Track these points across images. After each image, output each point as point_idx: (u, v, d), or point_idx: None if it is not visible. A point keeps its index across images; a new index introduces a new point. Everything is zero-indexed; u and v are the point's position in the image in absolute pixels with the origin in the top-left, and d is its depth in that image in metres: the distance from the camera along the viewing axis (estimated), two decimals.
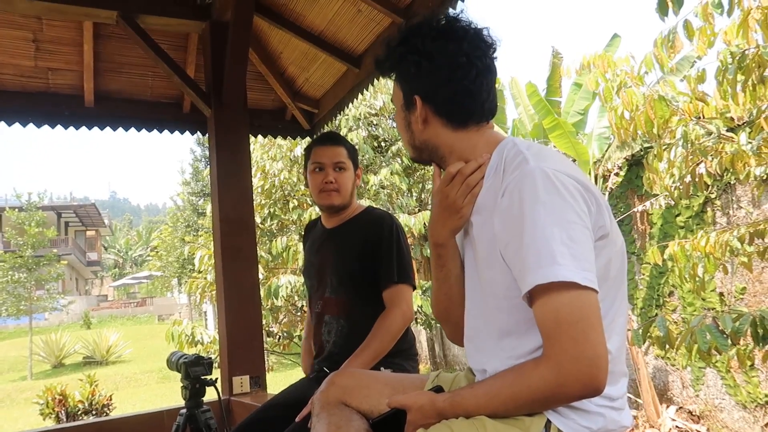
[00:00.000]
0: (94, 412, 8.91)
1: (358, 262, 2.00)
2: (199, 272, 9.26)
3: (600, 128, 7.82)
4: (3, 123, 3.55)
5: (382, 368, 1.89)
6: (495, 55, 1.20)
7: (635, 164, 7.20)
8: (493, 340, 1.13)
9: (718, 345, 2.51)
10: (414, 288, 2.05)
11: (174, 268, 28.86)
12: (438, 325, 8.39)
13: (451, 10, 2.82)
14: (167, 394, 13.70)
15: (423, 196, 9.00)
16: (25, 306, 22.68)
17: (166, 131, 3.94)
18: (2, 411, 14.64)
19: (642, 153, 6.88)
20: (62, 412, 8.90)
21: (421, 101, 1.19)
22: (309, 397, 1.47)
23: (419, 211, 7.76)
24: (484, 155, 1.16)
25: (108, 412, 9.14)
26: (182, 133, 4.01)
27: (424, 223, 7.03)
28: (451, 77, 1.16)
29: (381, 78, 3.68)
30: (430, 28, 1.19)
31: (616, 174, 7.49)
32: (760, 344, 2.52)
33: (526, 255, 0.97)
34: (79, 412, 8.92)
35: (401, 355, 2.01)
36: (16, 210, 24.22)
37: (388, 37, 1.25)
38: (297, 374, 11.86)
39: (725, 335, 2.52)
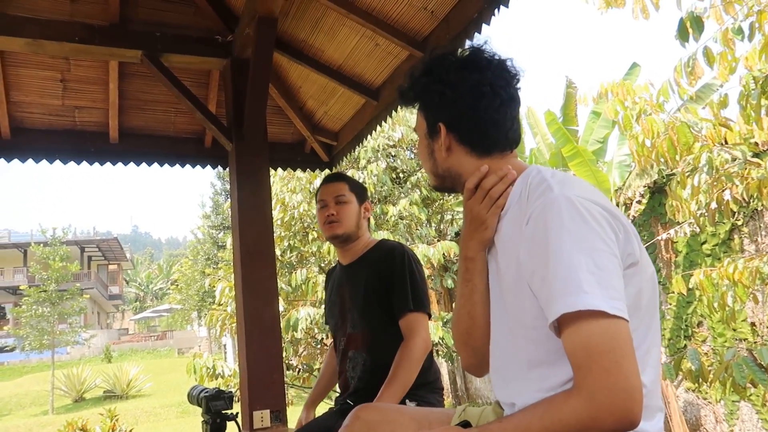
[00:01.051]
0: None
1: (374, 295, 2.02)
2: (219, 305, 9.27)
3: (620, 156, 7.77)
4: (31, 160, 3.64)
5: (407, 401, 1.86)
6: (519, 85, 1.21)
7: (657, 192, 7.12)
8: (521, 371, 1.10)
9: (755, 378, 2.42)
10: (430, 316, 2.06)
11: (194, 301, 28.98)
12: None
13: (468, 42, 2.85)
14: (187, 429, 13.61)
15: (442, 227, 8.97)
16: (48, 340, 22.86)
17: (188, 166, 4.00)
18: None
19: (664, 180, 6.81)
20: None
21: (446, 129, 1.19)
22: (333, 430, 1.44)
23: (438, 241, 7.73)
24: (504, 168, 1.16)
25: None
26: (204, 167, 4.07)
27: (444, 254, 7.00)
28: (475, 106, 1.16)
29: (399, 110, 3.71)
30: (455, 58, 1.21)
31: (639, 202, 7.41)
32: None
33: (551, 283, 0.95)
34: None
35: (426, 388, 1.99)
36: (41, 245, 24.62)
37: (411, 68, 1.27)
38: (318, 409, 11.71)
39: (763, 368, 2.43)
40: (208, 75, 3.79)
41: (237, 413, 2.15)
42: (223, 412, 2.10)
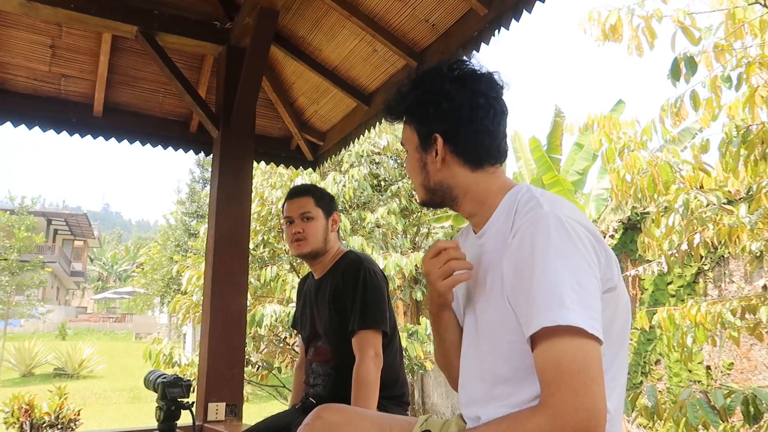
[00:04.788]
0: (59, 426, 8.64)
1: (336, 311, 2.03)
2: (184, 293, 9.14)
3: (599, 189, 7.90)
4: (9, 123, 3.55)
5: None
6: (505, 97, 1.23)
7: (630, 228, 7.25)
8: (487, 386, 1.10)
9: (708, 420, 2.47)
10: (386, 333, 2.02)
11: (158, 286, 28.50)
12: (420, 371, 8.27)
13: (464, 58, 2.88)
14: (136, 416, 13.33)
15: (417, 239, 9.00)
16: (2, 310, 22.22)
17: (170, 148, 3.94)
18: None
19: (638, 217, 6.94)
20: (27, 423, 8.62)
21: (442, 141, 1.19)
22: (292, 427, 1.43)
23: (412, 252, 7.74)
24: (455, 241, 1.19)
25: (74, 427, 8.86)
26: (186, 151, 4.02)
27: (416, 265, 7.02)
28: (472, 117, 1.17)
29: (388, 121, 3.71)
30: (447, 70, 1.21)
31: (611, 236, 7.53)
32: (750, 423, 2.48)
33: (534, 297, 0.96)
34: (45, 425, 8.65)
35: (393, 401, 2.02)
36: (8, 212, 24.00)
37: (399, 83, 1.27)
38: (272, 407, 11.58)
39: (716, 411, 2.48)
40: (201, 59, 3.76)
41: (192, 402, 2.12)
42: (179, 399, 2.06)
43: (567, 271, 0.95)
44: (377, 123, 3.75)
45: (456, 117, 1.18)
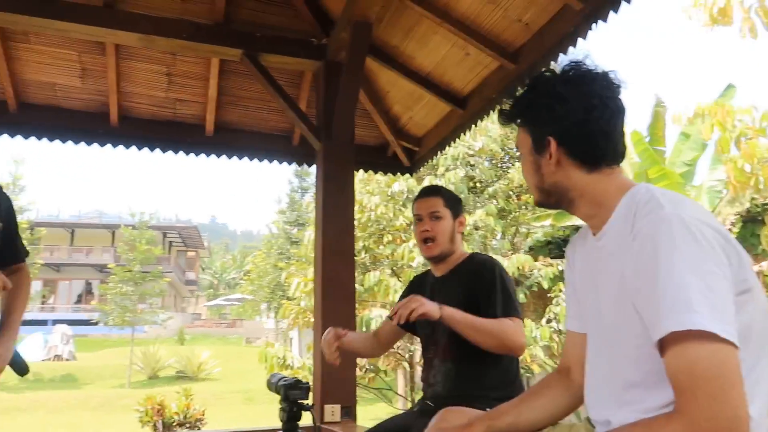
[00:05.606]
0: (187, 425, 9.34)
1: (464, 308, 2.03)
2: (290, 299, 9.53)
3: (712, 181, 7.39)
4: (134, 147, 3.90)
5: (487, 409, 1.87)
6: (621, 96, 1.20)
7: (750, 221, 6.72)
8: (617, 391, 1.08)
9: None
10: (521, 320, 2.05)
11: (265, 292, 29.86)
12: (527, 375, 8.08)
13: (562, 56, 2.81)
14: (253, 417, 14.03)
15: (516, 240, 8.84)
16: (129, 318, 24.28)
17: (275, 162, 4.16)
18: (103, 415, 15.60)
19: (758, 209, 6.42)
20: (159, 421, 9.39)
21: (556, 143, 1.19)
22: (412, 430, 1.48)
23: (512, 254, 7.61)
24: None
25: (200, 426, 9.53)
26: (290, 164, 4.23)
27: (518, 267, 6.91)
28: (586, 118, 1.16)
29: (485, 119, 3.70)
30: (561, 72, 1.21)
31: (729, 230, 7.02)
32: None
33: (660, 301, 0.93)
34: (174, 424, 9.39)
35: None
36: (130, 227, 26.15)
37: (512, 87, 1.28)
38: (378, 409, 11.78)
39: None
40: (301, 76, 3.93)
41: (312, 404, 2.21)
42: (299, 401, 2.16)
43: (693, 275, 0.92)
44: (472, 126, 3.75)
45: (569, 119, 1.17)
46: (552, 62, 2.83)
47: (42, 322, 30.61)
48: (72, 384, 20.95)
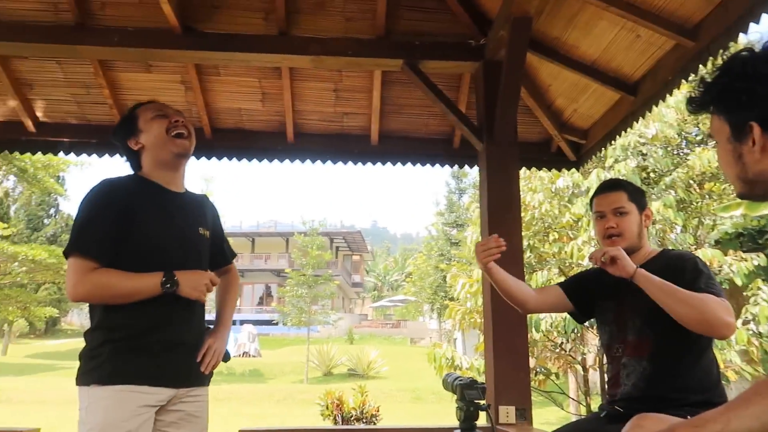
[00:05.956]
0: (364, 420, 9.88)
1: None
2: (453, 299, 9.59)
3: None
4: (308, 161, 4.21)
5: (688, 417, 1.74)
6: None
7: None
8: None
9: None
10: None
11: (427, 294, 30.40)
12: (723, 382, 7.28)
13: (753, 26, 2.52)
14: (422, 415, 14.35)
15: (699, 233, 8.02)
16: (305, 318, 26.25)
17: (437, 165, 4.23)
18: (286, 408, 16.98)
19: None
20: (338, 415, 10.05)
21: (760, 129, 1.08)
22: None
23: (696, 249, 6.93)
24: None
25: (375, 422, 10.02)
26: (452, 166, 4.28)
27: (707, 262, 6.27)
28: None
29: (659, 104, 3.43)
30: (761, 51, 1.09)
31: None
32: None
33: None
34: (352, 418, 10.00)
35: (709, 408, 1.83)
36: (302, 235, 28.26)
37: (692, 66, 1.18)
38: (548, 413, 11.41)
39: None
40: (459, 78, 3.96)
41: (489, 405, 2.22)
42: (476, 401, 2.17)
43: None
44: (645, 112, 3.50)
45: None
46: (741, 34, 2.54)
47: (232, 322, 34.10)
48: (258, 378, 23.10)
